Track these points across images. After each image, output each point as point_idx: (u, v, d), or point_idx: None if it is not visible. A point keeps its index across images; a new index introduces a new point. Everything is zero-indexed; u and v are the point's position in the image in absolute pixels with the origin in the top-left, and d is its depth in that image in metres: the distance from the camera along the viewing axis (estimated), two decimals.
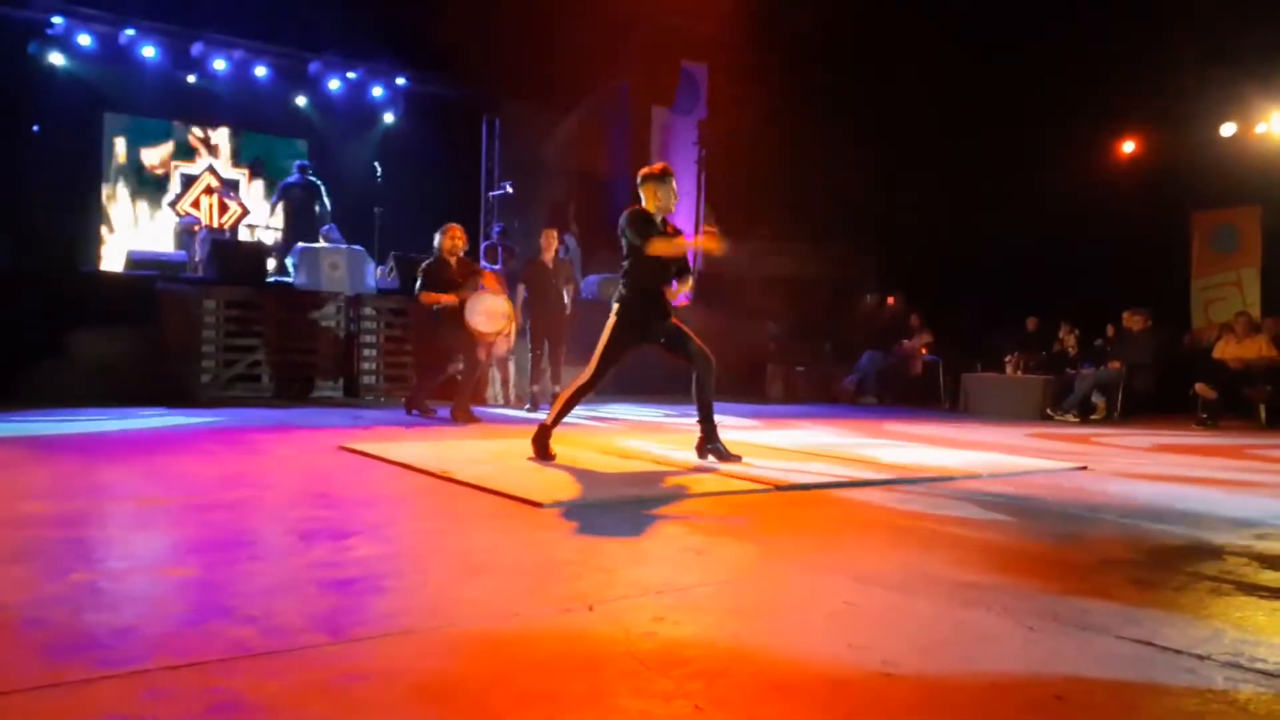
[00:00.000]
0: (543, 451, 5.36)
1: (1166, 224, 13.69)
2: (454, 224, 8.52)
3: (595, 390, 5.52)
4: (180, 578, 2.72)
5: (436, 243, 8.40)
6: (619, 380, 10.18)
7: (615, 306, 5.49)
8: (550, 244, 9.89)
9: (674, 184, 5.57)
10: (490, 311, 8.26)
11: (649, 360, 6.18)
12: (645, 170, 5.64)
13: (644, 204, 5.51)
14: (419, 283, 8.32)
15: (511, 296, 9.31)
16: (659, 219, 5.50)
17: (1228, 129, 13.33)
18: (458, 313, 8.12)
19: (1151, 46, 12.23)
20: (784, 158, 14.40)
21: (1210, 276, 14.21)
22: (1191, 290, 14.36)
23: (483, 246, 13.23)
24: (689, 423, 5.61)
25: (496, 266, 11.79)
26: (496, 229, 14.02)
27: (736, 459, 5.39)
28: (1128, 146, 14.35)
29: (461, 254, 8.48)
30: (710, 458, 5.42)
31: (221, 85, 13.84)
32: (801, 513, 4.07)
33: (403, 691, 1.88)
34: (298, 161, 13.55)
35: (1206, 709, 1.89)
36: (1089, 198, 13.42)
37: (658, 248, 5.34)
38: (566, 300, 9.92)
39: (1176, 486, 5.27)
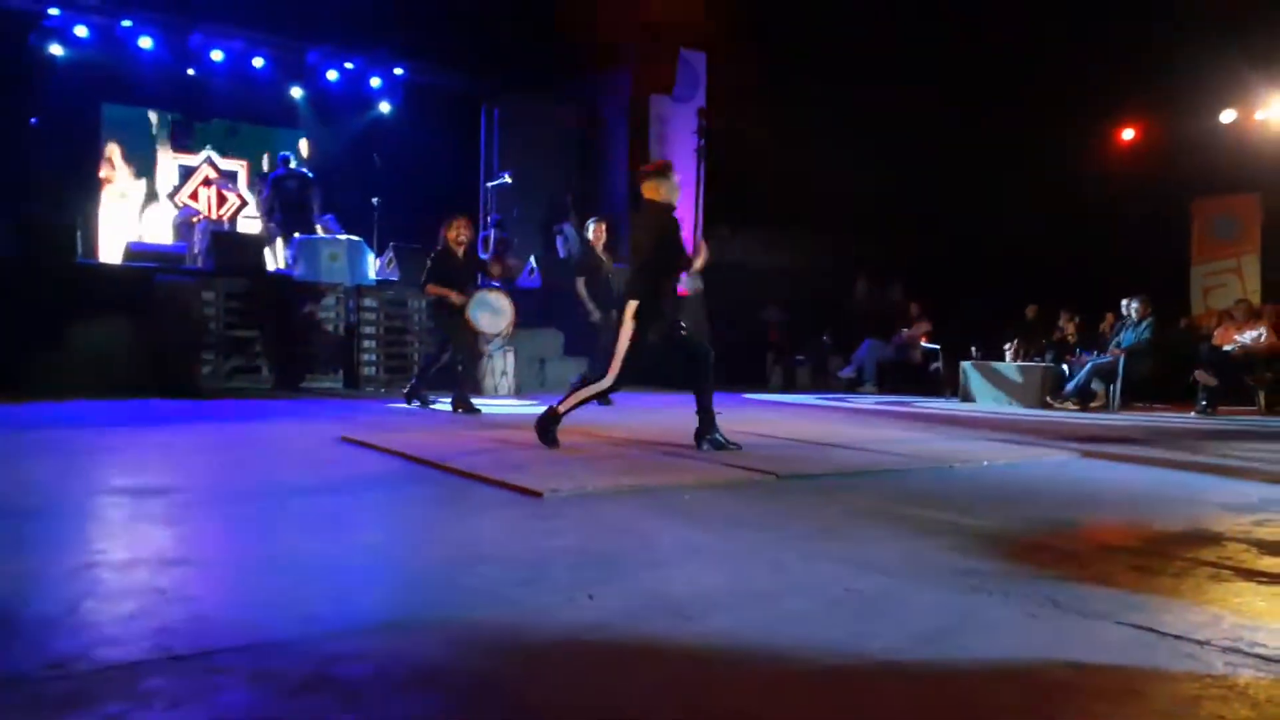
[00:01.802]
0: (548, 438, 5.37)
1: (1166, 211, 13.68)
2: (460, 216, 8.46)
3: (614, 391, 5.57)
4: (181, 568, 2.72)
5: (442, 234, 8.34)
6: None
7: (632, 306, 5.39)
8: (601, 235, 9.52)
9: (675, 179, 5.57)
10: (494, 310, 8.22)
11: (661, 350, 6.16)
12: (647, 167, 5.66)
13: (648, 198, 5.50)
14: (426, 272, 8.25)
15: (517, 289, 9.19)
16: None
17: (1228, 116, 13.30)
18: (459, 305, 8.08)
19: (1151, 33, 12.19)
20: (783, 146, 14.36)
21: (1210, 263, 14.21)
22: (1191, 277, 14.35)
23: (479, 238, 13.20)
24: (691, 411, 5.60)
25: (486, 256, 11.77)
26: (493, 219, 14.01)
27: (736, 447, 5.39)
28: (1127, 134, 14.33)
29: (467, 245, 8.41)
30: (707, 447, 5.42)
31: (219, 76, 13.81)
32: (803, 501, 4.07)
33: (401, 680, 1.88)
34: (281, 154, 13.52)
35: (1206, 694, 1.89)
36: (1089, 185, 13.41)
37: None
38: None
39: (1176, 473, 5.27)
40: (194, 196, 14.32)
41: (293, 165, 13.24)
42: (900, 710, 1.84)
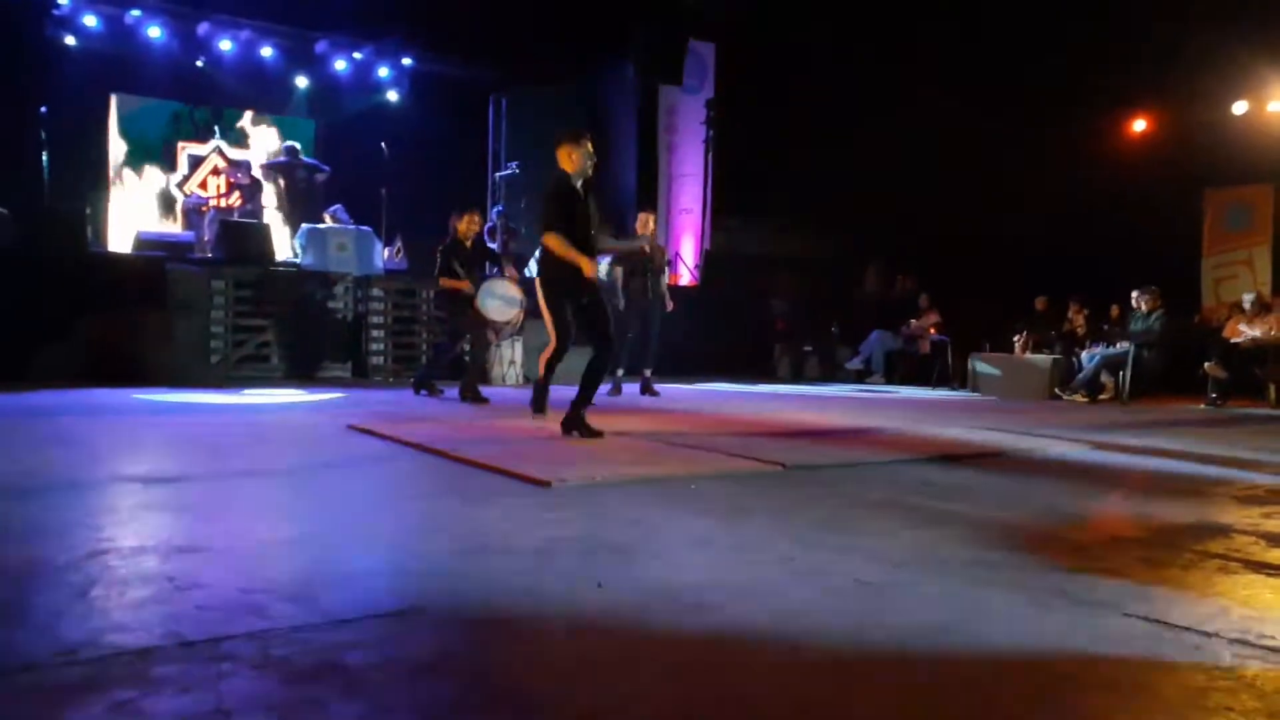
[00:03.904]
0: (585, 431, 5.46)
1: (1177, 202, 13.58)
2: (473, 209, 8.54)
3: (566, 352, 5.64)
4: (190, 554, 2.73)
5: (453, 225, 8.40)
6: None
7: (539, 276, 5.63)
8: (647, 225, 9.28)
9: (589, 146, 5.62)
10: (503, 298, 8.23)
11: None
12: (560, 134, 5.69)
13: (561, 166, 5.58)
14: (439, 265, 8.30)
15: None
16: (579, 183, 5.58)
17: (1240, 107, 13.22)
18: (468, 294, 8.13)
19: (1163, 23, 12.11)
20: (791, 137, 14.33)
21: (1221, 255, 14.12)
22: (1202, 269, 14.27)
23: (486, 228, 13.23)
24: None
25: (493, 245, 11.78)
26: (497, 210, 14.03)
27: (599, 435, 5.45)
28: (1139, 124, 14.25)
29: (474, 236, 8.48)
30: (575, 433, 5.48)
31: (228, 66, 13.83)
32: (811, 491, 4.07)
33: (406, 668, 1.89)
34: (286, 144, 13.55)
35: (1214, 685, 1.89)
36: (1100, 176, 13.33)
37: (551, 242, 5.45)
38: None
39: (1185, 465, 5.26)
40: (203, 185, 14.37)
41: (300, 155, 13.25)
42: (906, 700, 1.84)
